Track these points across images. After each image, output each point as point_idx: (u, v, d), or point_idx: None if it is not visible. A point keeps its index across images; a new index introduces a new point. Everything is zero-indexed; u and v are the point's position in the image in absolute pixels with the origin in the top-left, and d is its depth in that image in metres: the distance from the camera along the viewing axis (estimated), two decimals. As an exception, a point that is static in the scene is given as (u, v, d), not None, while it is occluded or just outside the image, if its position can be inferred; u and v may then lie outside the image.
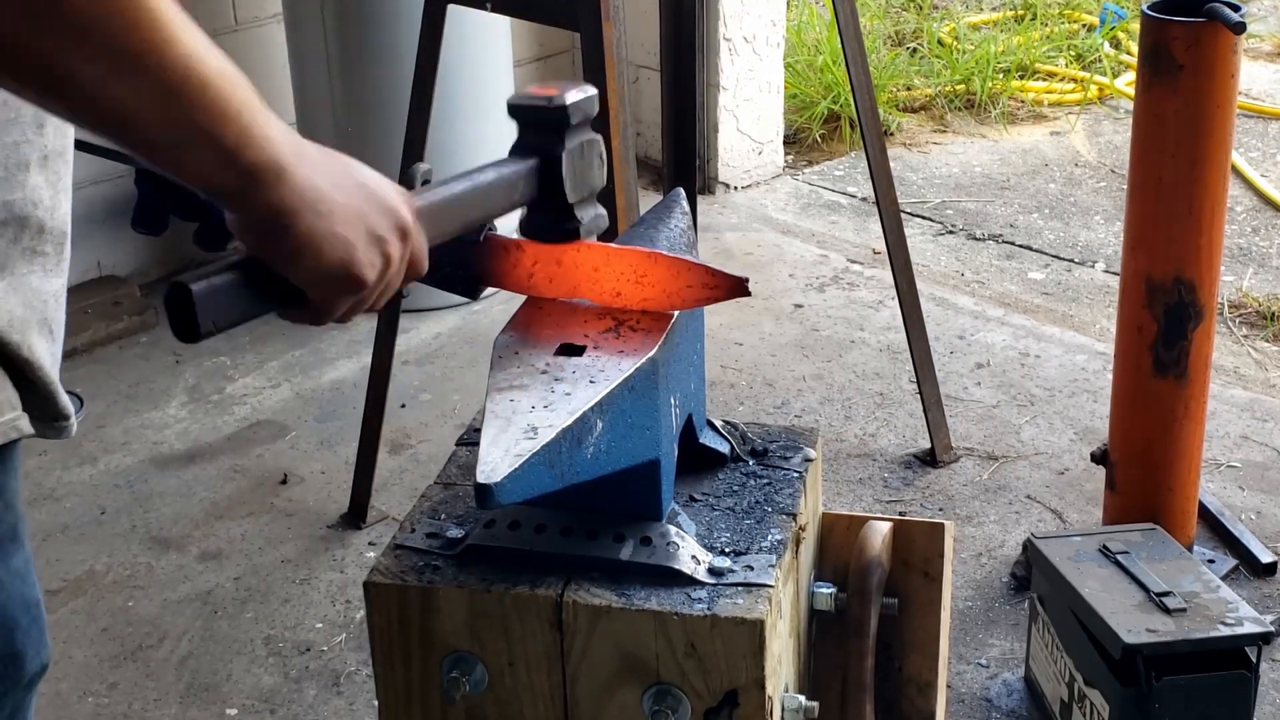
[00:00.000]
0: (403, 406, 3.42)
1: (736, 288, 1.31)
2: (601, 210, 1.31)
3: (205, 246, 1.41)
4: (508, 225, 1.29)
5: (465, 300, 3.92)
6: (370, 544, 2.96)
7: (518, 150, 1.27)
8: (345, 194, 1.04)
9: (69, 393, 1.17)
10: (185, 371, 3.63)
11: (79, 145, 1.29)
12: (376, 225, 1.06)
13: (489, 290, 1.37)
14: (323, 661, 2.66)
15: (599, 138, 1.30)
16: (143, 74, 0.91)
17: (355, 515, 3.04)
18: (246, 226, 1.03)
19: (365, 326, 3.68)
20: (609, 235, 2.26)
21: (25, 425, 1.13)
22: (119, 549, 2.98)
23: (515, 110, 1.28)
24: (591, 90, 1.29)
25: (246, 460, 3.27)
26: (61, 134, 1.15)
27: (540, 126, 1.27)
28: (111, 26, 0.89)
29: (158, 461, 3.28)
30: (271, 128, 0.99)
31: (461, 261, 1.32)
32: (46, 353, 1.15)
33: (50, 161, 1.13)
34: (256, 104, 0.97)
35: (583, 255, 1.33)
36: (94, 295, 3.77)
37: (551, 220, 1.28)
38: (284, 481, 3.19)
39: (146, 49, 0.91)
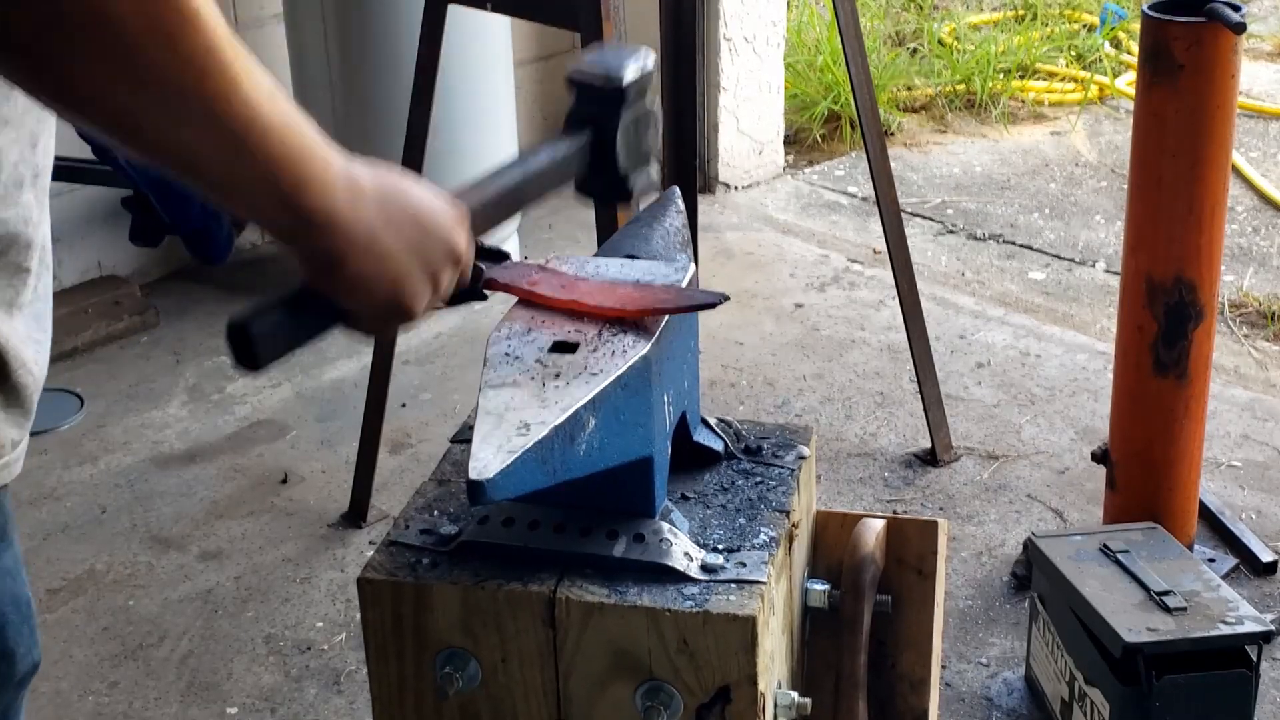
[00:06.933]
0: (403, 406, 3.42)
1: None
2: (653, 174, 1.36)
3: (141, 242, 1.46)
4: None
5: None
6: (370, 543, 2.96)
7: (573, 121, 1.31)
8: (400, 231, 1.08)
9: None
10: (185, 371, 3.63)
11: (80, 164, 1.30)
12: (430, 257, 1.10)
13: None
14: (323, 660, 2.66)
15: (654, 110, 1.34)
16: (208, 123, 0.93)
17: (356, 514, 3.04)
18: (302, 262, 1.07)
19: (366, 326, 3.68)
20: (608, 233, 2.26)
21: (14, 470, 1.18)
22: (119, 548, 2.99)
23: (574, 83, 1.31)
24: (650, 61, 1.32)
25: (247, 460, 3.27)
26: (47, 152, 1.16)
27: (596, 101, 1.30)
28: (184, 78, 0.90)
29: (158, 461, 3.28)
30: (330, 171, 1.01)
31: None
32: (22, 362, 1.15)
33: (39, 178, 1.15)
34: (316, 148, 1.00)
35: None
36: (94, 295, 3.78)
37: (604, 185, 1.33)
38: (284, 481, 3.19)
39: (213, 98, 0.92)
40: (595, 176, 1.32)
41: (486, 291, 1.36)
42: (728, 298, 1.35)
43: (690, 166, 2.99)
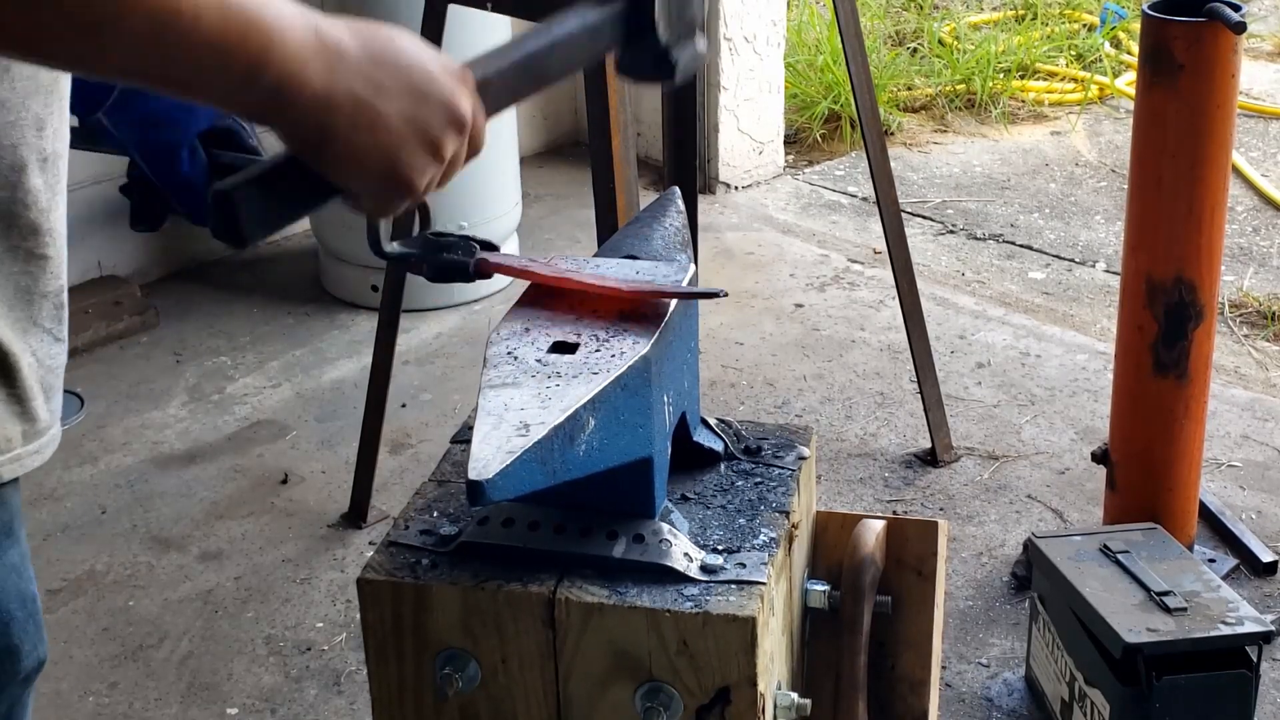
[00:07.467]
0: (403, 406, 3.42)
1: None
2: (700, 48, 1.25)
3: (142, 227, 1.45)
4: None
5: (466, 300, 3.92)
6: (371, 543, 2.96)
7: None
8: (390, 96, 0.99)
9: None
10: (185, 371, 3.63)
11: (78, 143, 1.30)
12: (428, 125, 1.01)
13: (489, 289, 1.38)
14: (323, 661, 2.66)
15: None
16: (141, 10, 0.87)
17: (356, 515, 3.04)
18: (286, 142, 0.99)
19: (366, 326, 3.68)
20: (608, 233, 2.26)
21: (27, 463, 1.15)
22: (119, 549, 2.99)
23: None
24: None
25: (247, 460, 3.27)
26: (60, 137, 1.15)
27: None
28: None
29: (158, 461, 3.28)
30: (293, 37, 0.93)
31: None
32: (35, 353, 1.15)
33: (49, 164, 1.14)
34: (270, 15, 0.91)
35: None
36: (94, 295, 3.78)
37: (644, 60, 1.22)
38: (284, 481, 3.19)
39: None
40: (632, 50, 1.20)
41: (478, 279, 1.35)
42: (726, 293, 1.34)
43: (690, 166, 2.99)
